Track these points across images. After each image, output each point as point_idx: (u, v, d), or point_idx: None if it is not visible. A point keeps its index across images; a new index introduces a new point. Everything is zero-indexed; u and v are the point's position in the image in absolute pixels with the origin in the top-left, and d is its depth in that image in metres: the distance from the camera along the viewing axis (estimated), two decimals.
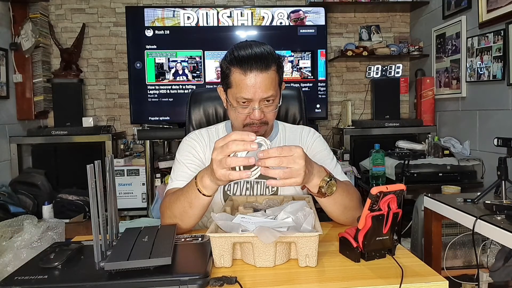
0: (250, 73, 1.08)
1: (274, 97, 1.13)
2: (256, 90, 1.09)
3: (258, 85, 1.09)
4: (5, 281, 0.75)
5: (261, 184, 1.24)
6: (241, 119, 1.15)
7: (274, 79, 1.12)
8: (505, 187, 1.61)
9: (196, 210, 1.02)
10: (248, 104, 1.12)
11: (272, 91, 1.11)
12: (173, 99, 3.20)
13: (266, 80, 1.09)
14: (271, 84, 1.10)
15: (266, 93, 1.10)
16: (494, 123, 2.49)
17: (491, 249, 1.86)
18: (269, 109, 1.14)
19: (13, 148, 2.92)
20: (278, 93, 1.15)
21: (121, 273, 0.76)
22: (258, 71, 1.08)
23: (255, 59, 1.09)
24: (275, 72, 1.12)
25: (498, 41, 2.37)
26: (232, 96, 1.14)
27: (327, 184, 0.97)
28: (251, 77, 1.08)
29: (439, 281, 0.76)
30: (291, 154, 0.88)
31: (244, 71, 1.09)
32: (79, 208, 2.75)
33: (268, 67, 1.09)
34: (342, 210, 1.07)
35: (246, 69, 1.08)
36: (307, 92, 3.24)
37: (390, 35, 3.58)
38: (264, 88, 1.09)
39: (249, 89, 1.09)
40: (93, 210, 0.78)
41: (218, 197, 1.23)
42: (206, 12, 3.20)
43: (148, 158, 2.96)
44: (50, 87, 3.15)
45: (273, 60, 1.11)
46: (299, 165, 0.88)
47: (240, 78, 1.10)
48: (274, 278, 0.80)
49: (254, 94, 1.09)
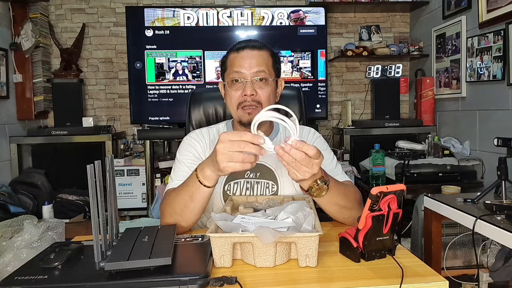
0: (243, 50, 1.19)
1: (266, 75, 1.18)
2: (247, 63, 1.17)
3: (250, 59, 1.17)
4: (5, 281, 0.75)
5: (261, 184, 1.24)
6: (235, 99, 1.20)
7: (267, 59, 1.20)
8: (505, 187, 1.61)
9: (197, 203, 1.03)
10: (241, 82, 1.18)
11: (263, 68, 1.18)
12: (173, 99, 3.20)
13: (258, 57, 1.18)
14: (263, 61, 1.18)
15: (257, 67, 1.17)
16: (494, 123, 2.49)
17: (491, 249, 1.86)
18: (261, 87, 1.18)
19: (13, 148, 2.92)
20: (271, 75, 1.21)
21: (121, 273, 0.76)
22: (250, 49, 1.19)
23: (249, 41, 1.21)
24: (268, 55, 1.21)
25: (498, 41, 2.37)
26: (227, 76, 1.21)
27: (317, 187, 0.97)
28: (244, 53, 1.18)
29: (439, 281, 0.76)
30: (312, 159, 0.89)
31: (237, 51, 1.19)
32: (79, 208, 2.75)
33: (261, 48, 1.20)
34: (339, 210, 1.07)
35: (239, 48, 1.19)
36: (307, 92, 3.24)
37: (390, 35, 3.58)
38: (255, 63, 1.17)
39: (241, 63, 1.17)
40: (93, 210, 0.78)
41: (218, 197, 1.23)
42: (206, 12, 3.20)
43: (148, 158, 2.96)
44: (50, 87, 3.15)
45: (266, 47, 1.22)
46: (313, 170, 0.90)
47: (234, 56, 1.19)
48: (274, 278, 0.80)
49: (246, 67, 1.17)
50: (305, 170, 0.90)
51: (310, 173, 0.90)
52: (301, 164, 0.89)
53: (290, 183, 1.25)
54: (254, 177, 1.24)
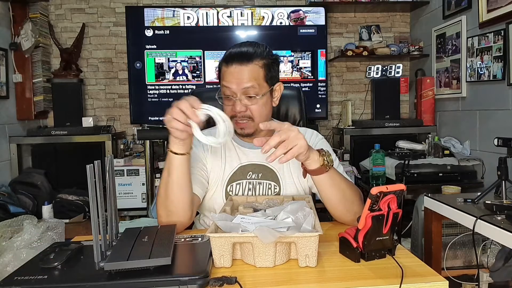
0: (231, 65, 1.16)
1: (256, 90, 1.16)
2: (236, 80, 1.15)
3: (238, 75, 1.15)
4: (5, 281, 0.75)
5: (263, 184, 1.25)
6: (227, 112, 1.18)
7: (257, 73, 1.17)
8: (505, 187, 1.60)
9: (174, 176, 1.04)
10: (232, 97, 1.18)
11: (252, 83, 1.15)
12: (173, 99, 3.13)
13: (246, 72, 1.16)
14: (252, 76, 1.16)
15: (246, 83, 1.15)
16: (494, 123, 2.49)
17: (491, 249, 1.86)
18: (251, 102, 1.17)
19: (13, 148, 2.92)
20: (263, 88, 1.18)
21: (121, 273, 0.75)
22: (238, 64, 1.16)
23: (239, 54, 1.17)
24: (258, 67, 1.17)
25: (498, 41, 2.37)
26: (221, 90, 1.21)
27: (326, 155, 1.04)
28: (232, 68, 1.16)
29: (439, 281, 0.76)
30: (289, 135, 0.96)
31: (227, 64, 1.17)
32: (79, 208, 2.75)
33: (250, 61, 1.16)
34: (341, 196, 1.08)
35: (229, 62, 1.17)
36: (307, 92, 3.23)
37: (390, 35, 3.58)
38: (245, 79, 1.15)
39: (230, 79, 1.16)
40: (93, 210, 0.78)
41: (220, 198, 1.23)
42: (206, 12, 3.20)
43: (148, 158, 2.95)
44: (50, 87, 3.15)
45: (257, 56, 1.17)
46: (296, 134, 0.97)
47: (224, 70, 1.18)
48: (274, 278, 0.80)
49: (234, 84, 1.16)
50: (294, 141, 0.95)
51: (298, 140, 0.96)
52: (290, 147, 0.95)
53: (293, 184, 1.25)
54: (256, 178, 1.25)
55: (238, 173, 1.25)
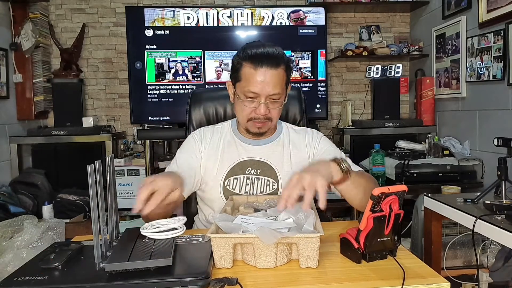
0: (260, 68, 1.14)
1: (280, 95, 1.18)
2: (265, 86, 1.14)
3: (267, 81, 1.14)
4: (5, 282, 0.75)
5: (261, 180, 1.25)
6: (246, 113, 1.20)
7: (282, 78, 1.17)
8: (505, 187, 1.60)
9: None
10: (255, 99, 1.17)
11: (279, 89, 1.16)
12: (173, 99, 3.19)
13: (274, 77, 1.15)
14: (279, 82, 1.16)
15: (273, 89, 1.15)
16: (494, 123, 2.49)
17: (491, 249, 1.86)
18: (274, 106, 1.19)
19: (13, 148, 2.91)
20: (284, 92, 1.20)
21: (122, 274, 0.75)
22: (268, 68, 1.14)
23: (267, 56, 1.15)
24: (283, 72, 1.17)
25: (498, 41, 2.37)
26: (241, 89, 1.19)
27: (341, 162, 0.99)
28: (261, 72, 1.14)
29: (440, 283, 0.76)
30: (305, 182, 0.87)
31: (255, 66, 1.14)
32: (79, 208, 2.75)
33: (278, 65, 1.15)
34: (363, 193, 1.06)
35: (257, 64, 1.14)
36: (307, 92, 3.23)
37: (390, 35, 3.58)
38: (272, 85, 1.15)
39: (258, 83, 1.14)
40: (93, 210, 0.77)
41: (218, 192, 1.25)
42: (206, 12, 3.19)
43: (148, 158, 2.95)
44: (50, 87, 3.15)
45: (283, 60, 1.17)
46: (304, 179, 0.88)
47: (250, 72, 1.15)
48: (275, 279, 0.80)
49: (262, 89, 1.14)
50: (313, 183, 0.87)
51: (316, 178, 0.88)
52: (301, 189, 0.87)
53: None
54: (255, 173, 1.26)
55: (236, 168, 1.26)
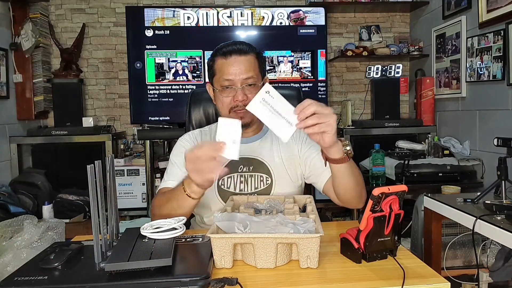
0: (230, 57, 1.22)
1: (255, 79, 1.23)
2: (237, 71, 1.20)
3: (238, 66, 1.21)
4: (5, 282, 0.75)
5: (255, 177, 1.27)
6: (226, 104, 1.24)
7: (254, 63, 1.24)
8: (505, 187, 1.61)
9: (183, 210, 1.08)
10: (231, 87, 1.22)
11: (252, 73, 1.22)
12: (173, 99, 3.19)
13: (245, 62, 1.21)
14: (251, 66, 1.22)
15: (246, 73, 1.21)
16: (494, 123, 2.49)
17: (491, 249, 1.86)
18: (251, 91, 1.21)
19: (13, 148, 2.91)
20: (259, 77, 1.25)
21: (122, 274, 0.75)
22: (237, 55, 1.22)
23: (236, 47, 1.24)
24: (254, 58, 1.24)
25: (498, 41, 2.37)
26: (217, 82, 1.25)
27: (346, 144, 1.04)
28: (232, 60, 1.21)
29: (441, 283, 0.76)
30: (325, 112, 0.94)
31: (225, 57, 1.22)
32: (79, 208, 2.75)
33: (247, 53, 1.23)
34: (355, 183, 1.11)
35: (227, 54, 1.22)
36: (307, 92, 3.23)
37: (390, 35, 3.58)
38: (244, 69, 1.21)
39: (230, 70, 1.21)
40: (93, 210, 0.77)
41: (212, 192, 1.25)
42: (206, 12, 3.19)
43: (148, 158, 2.95)
44: (50, 87, 3.15)
45: (252, 49, 1.26)
46: (332, 119, 0.94)
47: (222, 63, 1.23)
48: (275, 279, 0.80)
49: (235, 74, 1.20)
50: (326, 116, 0.93)
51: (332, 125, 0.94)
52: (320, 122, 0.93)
53: (285, 175, 1.28)
54: (248, 170, 1.27)
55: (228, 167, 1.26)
